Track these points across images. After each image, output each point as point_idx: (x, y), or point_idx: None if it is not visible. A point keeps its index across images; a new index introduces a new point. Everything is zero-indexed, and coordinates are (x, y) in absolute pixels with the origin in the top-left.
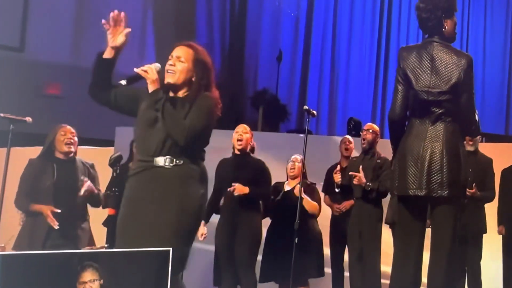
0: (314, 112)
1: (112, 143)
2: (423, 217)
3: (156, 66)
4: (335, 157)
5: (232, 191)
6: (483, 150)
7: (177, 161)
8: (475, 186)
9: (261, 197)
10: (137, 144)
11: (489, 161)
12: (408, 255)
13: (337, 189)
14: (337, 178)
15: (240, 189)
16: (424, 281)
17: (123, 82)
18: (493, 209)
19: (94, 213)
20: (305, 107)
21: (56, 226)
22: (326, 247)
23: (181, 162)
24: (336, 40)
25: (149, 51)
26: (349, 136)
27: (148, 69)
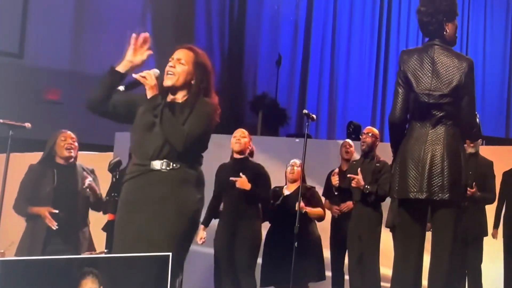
0: (314, 116)
1: (111, 148)
2: (424, 221)
3: (155, 72)
4: (334, 161)
5: (235, 182)
6: (484, 153)
7: (174, 165)
8: (475, 185)
9: (260, 201)
10: (134, 149)
11: (490, 164)
12: (409, 258)
13: (336, 192)
14: (335, 180)
15: (242, 183)
16: (424, 284)
17: (121, 88)
18: (494, 212)
19: (94, 218)
20: (305, 111)
21: (55, 227)
22: (327, 250)
23: (177, 166)
24: (335, 44)
25: None
26: (349, 140)
27: (146, 75)
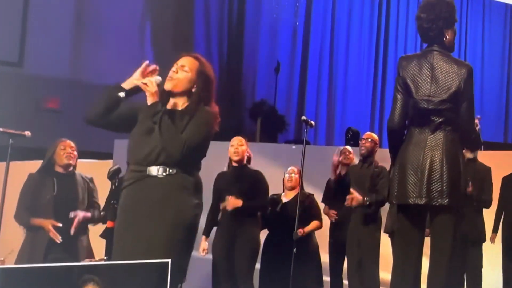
0: (312, 122)
1: (111, 156)
2: (422, 226)
3: (157, 79)
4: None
5: (225, 207)
6: (482, 158)
7: (170, 171)
8: (472, 185)
9: (257, 209)
10: (131, 154)
11: (488, 170)
12: (408, 263)
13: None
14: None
15: (233, 203)
16: None
17: (121, 94)
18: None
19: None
20: (303, 117)
21: (59, 240)
22: (326, 255)
23: (174, 172)
24: (333, 50)
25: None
26: (348, 147)
27: (148, 82)
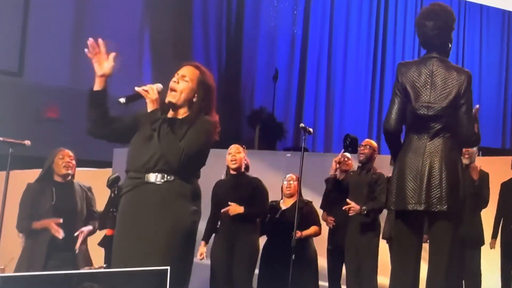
0: (311, 129)
1: (110, 164)
2: (420, 232)
3: (158, 86)
4: None
5: (227, 211)
6: (480, 164)
7: (168, 178)
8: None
9: (257, 216)
10: (130, 161)
11: (485, 175)
12: (406, 270)
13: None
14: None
15: (235, 210)
16: None
17: (122, 100)
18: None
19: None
20: (302, 125)
21: (61, 236)
22: (323, 261)
23: (172, 179)
24: (331, 58)
25: (146, 72)
26: (347, 153)
27: (149, 89)
